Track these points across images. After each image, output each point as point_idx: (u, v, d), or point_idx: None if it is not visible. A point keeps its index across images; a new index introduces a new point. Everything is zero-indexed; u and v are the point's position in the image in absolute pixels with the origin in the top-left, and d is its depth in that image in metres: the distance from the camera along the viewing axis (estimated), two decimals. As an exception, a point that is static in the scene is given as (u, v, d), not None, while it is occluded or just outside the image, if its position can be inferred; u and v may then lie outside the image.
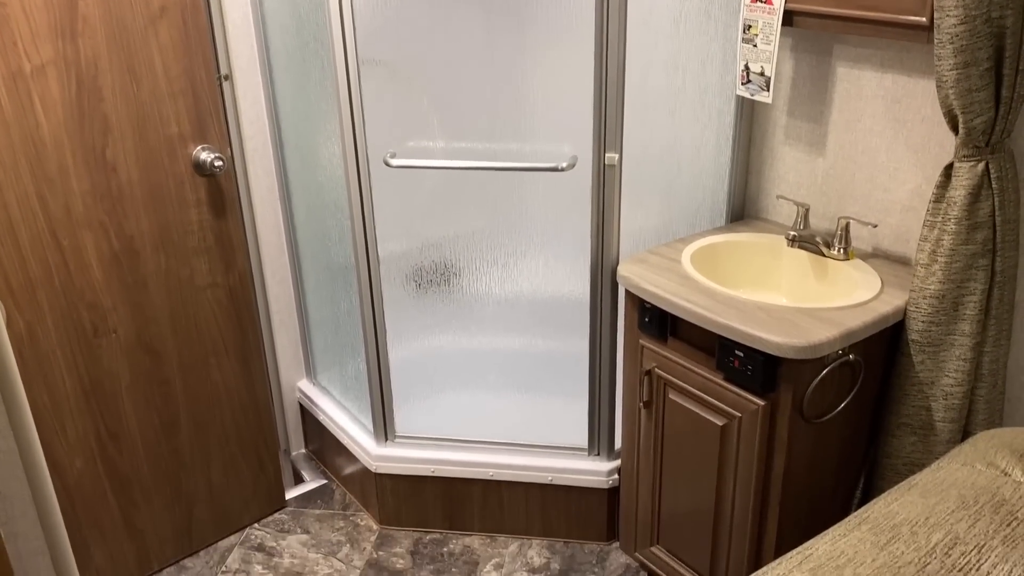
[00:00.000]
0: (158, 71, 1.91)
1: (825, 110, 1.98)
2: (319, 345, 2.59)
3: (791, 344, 1.60)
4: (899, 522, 1.04)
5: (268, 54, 2.24)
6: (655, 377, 1.94)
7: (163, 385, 2.13)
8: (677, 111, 2.01)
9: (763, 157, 2.15)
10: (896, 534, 1.02)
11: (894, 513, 1.07)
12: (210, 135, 2.03)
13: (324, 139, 2.12)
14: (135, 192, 1.95)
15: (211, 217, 2.09)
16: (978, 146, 1.58)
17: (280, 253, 2.50)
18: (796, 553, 1.03)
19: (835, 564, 0.99)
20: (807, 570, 0.98)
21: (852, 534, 1.04)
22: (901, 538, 1.01)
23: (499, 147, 2.04)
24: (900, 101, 1.82)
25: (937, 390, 1.72)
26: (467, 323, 2.31)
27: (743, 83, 1.97)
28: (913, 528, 1.02)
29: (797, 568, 0.99)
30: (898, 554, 0.98)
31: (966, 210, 1.60)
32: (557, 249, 2.18)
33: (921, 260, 1.69)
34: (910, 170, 1.85)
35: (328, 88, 2.03)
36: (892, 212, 1.91)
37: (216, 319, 2.17)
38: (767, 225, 2.16)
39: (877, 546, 1.00)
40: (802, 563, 1.00)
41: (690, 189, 2.12)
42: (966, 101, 1.53)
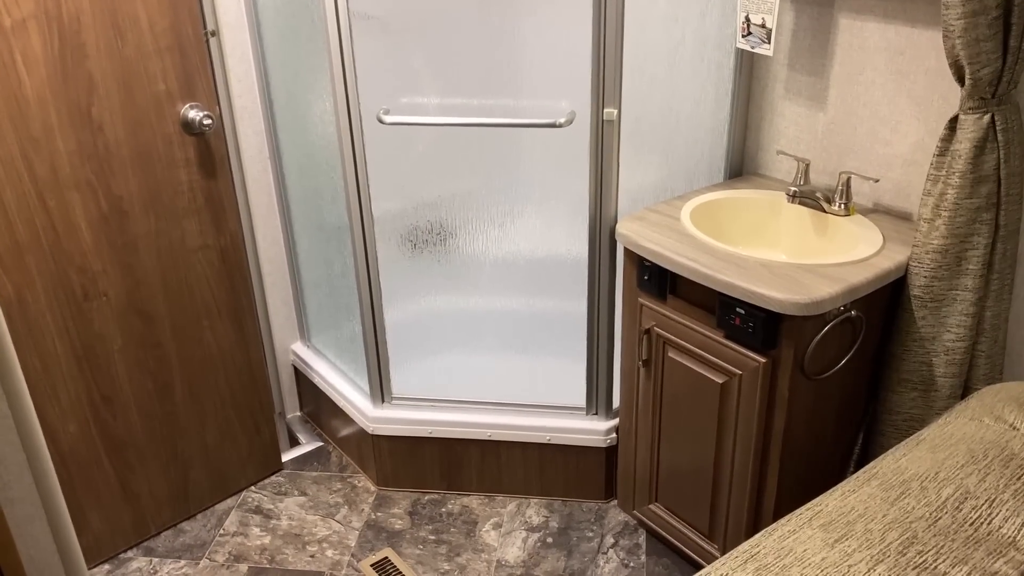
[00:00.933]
0: (143, 26, 1.85)
1: (826, 63, 1.94)
2: (313, 307, 2.56)
3: (793, 300, 1.59)
4: (908, 477, 1.04)
5: (256, 9, 2.18)
6: (654, 336, 1.93)
7: (156, 348, 2.10)
8: (676, 65, 1.97)
9: (762, 112, 2.12)
10: (906, 489, 1.01)
11: (903, 468, 1.06)
12: (198, 93, 1.98)
13: (315, 96, 2.08)
14: (122, 152, 1.90)
15: (201, 177, 2.04)
16: (984, 98, 1.55)
17: (271, 214, 2.46)
18: (806, 509, 1.03)
19: (846, 520, 0.98)
20: (818, 526, 0.97)
21: (862, 489, 1.03)
22: (911, 493, 1.00)
23: (495, 103, 2.00)
24: (903, 53, 1.79)
25: (938, 345, 1.71)
26: (463, 283, 2.29)
27: (743, 35, 1.93)
28: (923, 483, 1.02)
29: (808, 524, 0.98)
30: (909, 509, 0.98)
31: (971, 163, 1.58)
32: (554, 207, 2.15)
33: (924, 215, 1.67)
34: (912, 124, 1.82)
35: (319, 43, 1.97)
36: (893, 167, 1.89)
37: (208, 281, 2.14)
38: (766, 181, 2.13)
39: (887, 501, 0.99)
40: (812, 519, 0.99)
41: (689, 145, 2.09)
42: (973, 51, 1.50)
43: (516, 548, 2.18)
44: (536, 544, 2.18)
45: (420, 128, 2.09)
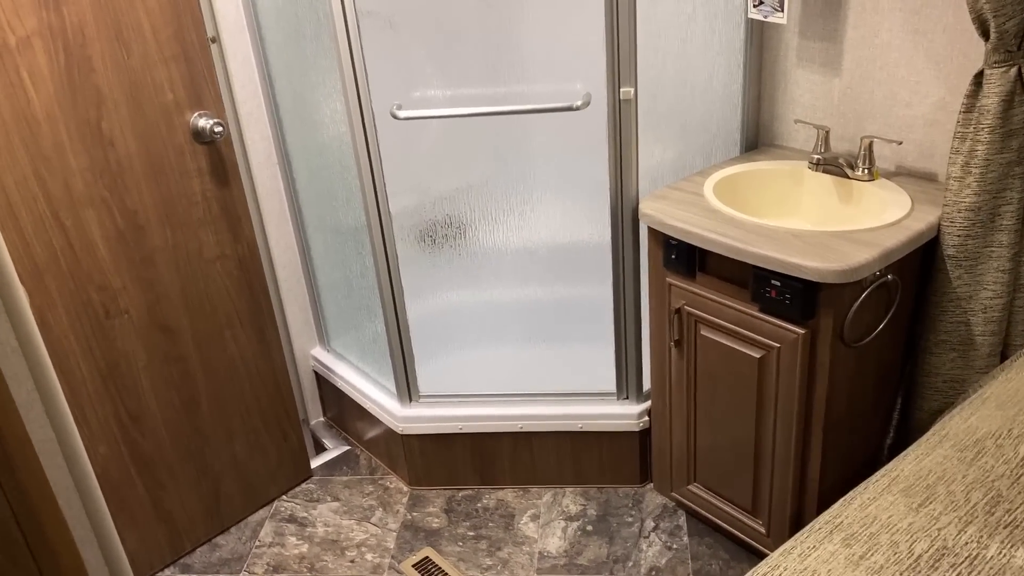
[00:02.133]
0: (147, 36, 1.82)
1: (839, 27, 1.92)
2: (331, 311, 2.53)
3: (831, 268, 1.57)
4: (981, 436, 1.02)
5: (256, 12, 2.15)
6: (685, 314, 1.91)
7: (180, 362, 2.07)
8: (688, 40, 1.95)
9: (775, 81, 2.10)
10: (981, 449, 1.00)
11: (974, 428, 1.05)
12: (206, 100, 1.94)
13: (324, 96, 2.05)
14: (135, 165, 1.87)
15: (214, 186, 2.01)
16: (1010, 50, 1.53)
17: (283, 220, 2.43)
18: (881, 476, 1.01)
19: (925, 483, 0.97)
20: (898, 491, 0.95)
21: (936, 452, 1.02)
22: (987, 452, 0.99)
23: (508, 90, 1.98)
24: (919, 12, 1.77)
25: (976, 304, 1.70)
26: (484, 275, 2.26)
27: (755, 5, 1.91)
28: (998, 441, 1.00)
29: (887, 490, 0.96)
30: (988, 468, 0.96)
31: (1000, 118, 1.56)
32: (572, 192, 2.13)
33: (954, 173, 1.66)
34: (932, 83, 1.81)
35: (325, 43, 1.95)
36: (915, 128, 1.87)
37: (228, 291, 2.11)
38: (784, 151, 2.11)
39: (964, 462, 0.98)
40: (891, 484, 0.97)
41: (704, 120, 2.07)
42: (998, 4, 1.48)
43: (556, 538, 2.16)
44: (576, 533, 2.17)
45: (432, 121, 2.06)
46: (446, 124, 2.07)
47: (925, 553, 0.84)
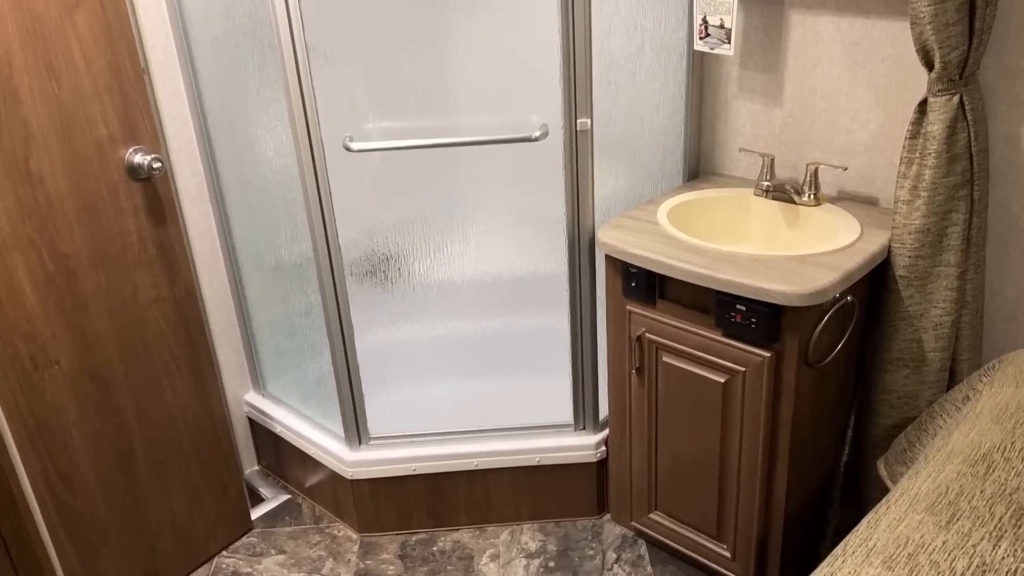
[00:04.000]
0: (79, 66, 1.70)
1: (780, 59, 1.99)
2: (267, 353, 2.42)
3: (797, 292, 1.60)
4: (988, 450, 1.05)
5: (188, 42, 2.05)
6: (646, 342, 1.91)
7: (114, 415, 1.93)
8: (637, 72, 1.98)
9: (717, 112, 2.15)
10: (991, 463, 1.02)
11: (978, 443, 1.08)
12: (142, 135, 1.84)
13: (267, 129, 1.97)
14: (65, 204, 1.74)
15: (150, 226, 1.90)
16: (952, 80, 1.61)
17: (215, 260, 2.31)
18: (901, 494, 1.02)
19: (946, 500, 0.98)
20: (923, 510, 0.97)
21: (947, 469, 1.04)
22: (997, 466, 1.02)
23: (463, 122, 1.95)
24: (859, 43, 1.85)
25: (927, 321, 1.77)
26: (434, 309, 2.21)
27: (701, 37, 1.95)
28: (1004, 455, 1.03)
29: (911, 509, 0.98)
30: (1003, 481, 0.99)
31: (945, 143, 1.64)
32: (524, 222, 2.11)
33: (902, 196, 1.73)
34: (872, 111, 1.89)
35: (271, 73, 1.87)
36: (856, 154, 1.94)
37: (165, 336, 1.98)
38: (726, 179, 2.16)
39: (978, 477, 1.00)
40: (913, 503, 0.99)
41: (652, 150, 2.09)
42: (943, 36, 1.56)
43: (519, 577, 2.11)
44: (539, 570, 2.12)
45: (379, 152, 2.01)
46: (395, 154, 2.03)
47: (967, 571, 0.85)
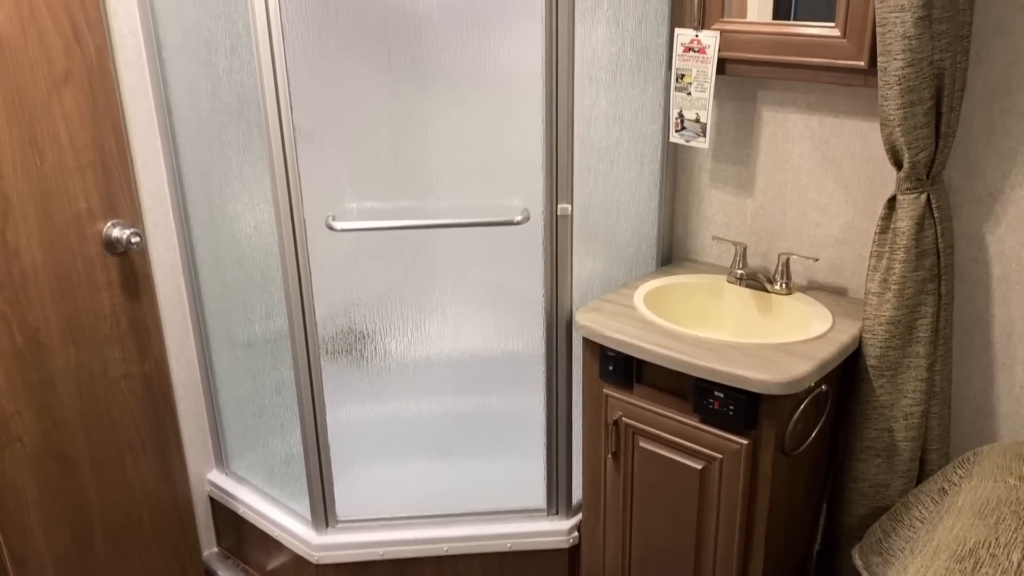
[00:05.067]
0: (63, 142, 1.70)
1: (752, 152, 2.06)
2: (233, 431, 2.37)
3: (775, 380, 1.63)
4: (973, 546, 1.07)
5: (171, 119, 2.06)
6: (623, 426, 1.92)
7: (75, 495, 1.86)
8: (615, 161, 2.03)
9: (690, 201, 2.21)
10: (977, 559, 1.04)
11: (963, 538, 1.09)
12: (121, 209, 1.83)
13: (248, 206, 1.97)
14: (40, 278, 1.71)
15: (124, 300, 1.87)
16: (920, 179, 1.69)
17: (185, 334, 2.27)
18: (892, 590, 1.03)
19: (938, 596, 0.99)
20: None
21: (935, 564, 1.05)
22: (984, 562, 1.03)
23: (444, 203, 1.97)
24: (828, 141, 1.93)
25: (897, 411, 1.80)
26: (409, 388, 2.20)
27: (677, 130, 2.02)
28: (990, 551, 1.05)
29: (904, 605, 0.98)
30: (992, 577, 1.00)
31: (914, 239, 1.70)
32: (500, 303, 2.13)
33: (872, 288, 1.78)
34: (841, 205, 1.96)
35: (255, 152, 1.88)
36: (825, 246, 2.01)
37: (132, 413, 1.94)
38: (698, 266, 2.21)
39: (966, 573, 1.02)
40: (906, 600, 0.99)
41: (628, 235, 2.14)
42: (911, 137, 1.63)
43: (489, 668, 2.05)
44: (509, 660, 2.07)
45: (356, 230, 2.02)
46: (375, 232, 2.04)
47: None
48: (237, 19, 1.77)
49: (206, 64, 1.89)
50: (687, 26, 1.93)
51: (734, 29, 1.87)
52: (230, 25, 1.79)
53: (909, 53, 1.56)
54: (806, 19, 1.79)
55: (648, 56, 2.01)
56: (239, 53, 1.80)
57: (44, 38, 1.63)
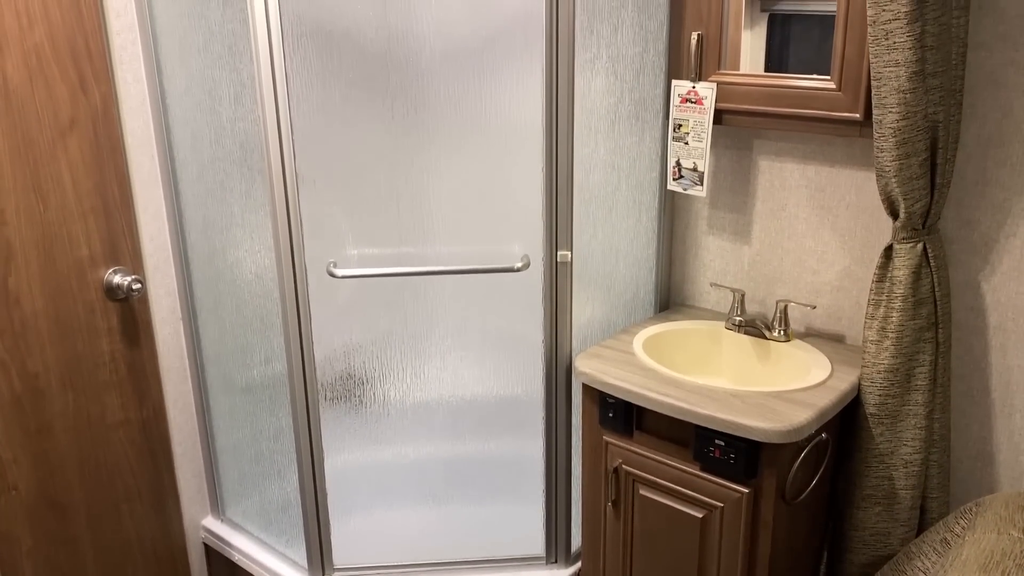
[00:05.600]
0: (67, 188, 1.71)
1: (748, 200, 2.08)
2: (229, 477, 2.35)
3: (776, 429, 1.63)
4: (980, 599, 1.06)
5: (173, 165, 2.08)
6: (623, 473, 1.91)
7: (69, 544, 1.84)
8: (614, 208, 2.05)
9: (687, 247, 2.22)
10: (985, 612, 1.04)
11: (970, 591, 1.09)
12: (122, 256, 1.83)
13: (249, 252, 1.98)
14: (40, 324, 1.71)
15: (123, 346, 1.87)
16: (916, 229, 1.71)
17: (182, 379, 2.27)
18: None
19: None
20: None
21: (943, 618, 1.05)
22: (992, 615, 1.03)
23: (445, 249, 1.99)
24: (824, 190, 1.96)
25: (897, 459, 1.80)
26: (408, 434, 2.19)
27: (675, 178, 2.04)
28: (998, 604, 1.05)
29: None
30: (999, 633, 1.00)
31: (911, 287, 1.72)
32: (500, 348, 2.13)
33: (871, 337, 1.79)
34: (838, 253, 1.97)
35: (257, 199, 1.90)
36: (822, 293, 2.02)
37: (128, 459, 1.92)
38: (696, 311, 2.22)
39: (974, 627, 1.01)
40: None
41: (626, 281, 2.15)
42: (907, 188, 1.66)
43: None
44: None
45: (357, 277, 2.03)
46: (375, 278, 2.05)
47: None
48: (242, 69, 1.80)
49: (210, 112, 1.91)
50: (684, 78, 1.96)
51: (730, 81, 1.90)
52: (234, 75, 1.82)
53: (904, 107, 1.58)
54: (797, 71, 1.83)
55: (645, 106, 2.04)
56: (243, 101, 1.82)
57: (51, 87, 1.65)
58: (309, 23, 1.80)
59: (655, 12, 1.98)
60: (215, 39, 1.83)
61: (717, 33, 1.91)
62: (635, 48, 1.97)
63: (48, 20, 1.63)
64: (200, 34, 1.86)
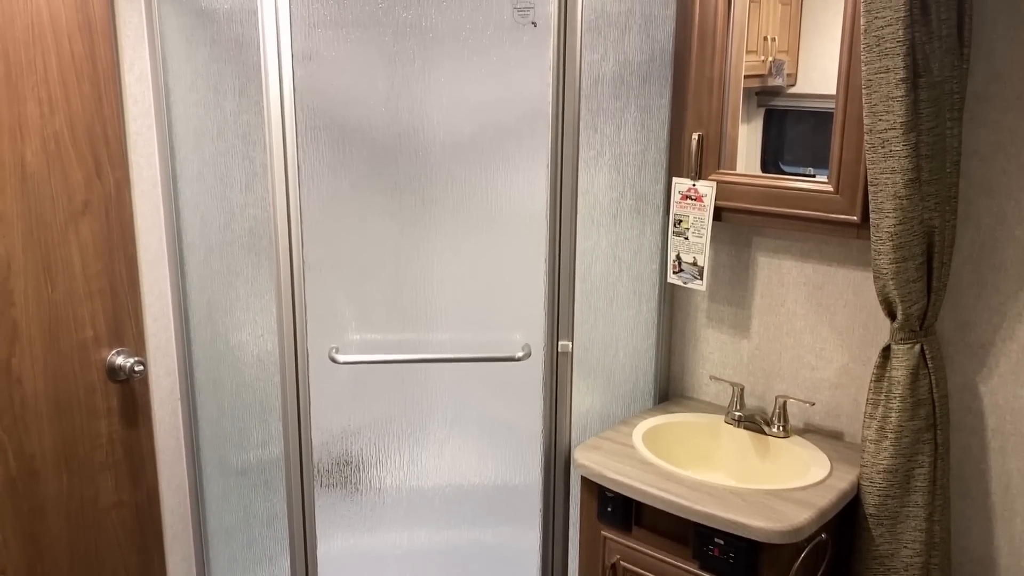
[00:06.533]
0: (76, 270, 1.73)
1: (747, 295, 2.11)
2: (221, 562, 2.31)
3: (776, 529, 1.62)
4: None
5: (181, 247, 2.10)
6: (620, 570, 1.88)
7: (54, 630, 1.80)
8: (615, 299, 2.07)
9: (686, 339, 2.24)
10: None
11: None
12: (126, 337, 1.84)
13: (252, 336, 1.99)
14: (39, 405, 1.71)
15: (121, 428, 1.86)
16: (914, 330, 1.73)
17: (177, 460, 2.25)
18: None
19: None
20: None
21: None
22: None
23: (446, 336, 2.00)
24: (822, 288, 1.99)
25: (898, 562, 1.79)
26: (402, 520, 2.16)
27: (675, 272, 2.07)
28: None
29: None
30: None
31: (909, 388, 1.73)
32: (500, 435, 2.13)
33: (869, 436, 1.79)
34: (836, 350, 1.99)
35: (263, 284, 1.92)
36: (821, 389, 2.03)
37: (120, 543, 1.90)
38: (695, 404, 2.22)
39: None
40: None
41: (626, 371, 2.16)
42: (904, 291, 1.68)
43: None
44: None
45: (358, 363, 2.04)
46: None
47: None
48: (254, 157, 1.84)
49: (221, 197, 1.95)
50: (684, 175, 2.01)
51: (730, 180, 1.95)
52: (247, 163, 1.86)
53: (901, 212, 1.62)
54: (793, 163, 1.88)
55: (647, 201, 2.09)
56: (254, 188, 1.86)
57: (67, 172, 1.68)
58: (322, 116, 1.86)
59: (657, 112, 2.04)
60: (229, 128, 1.88)
61: (717, 133, 1.97)
62: (637, 145, 2.03)
63: (69, 107, 1.68)
64: (215, 123, 1.91)
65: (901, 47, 1.55)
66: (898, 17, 1.54)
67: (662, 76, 2.02)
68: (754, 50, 1.94)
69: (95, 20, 1.71)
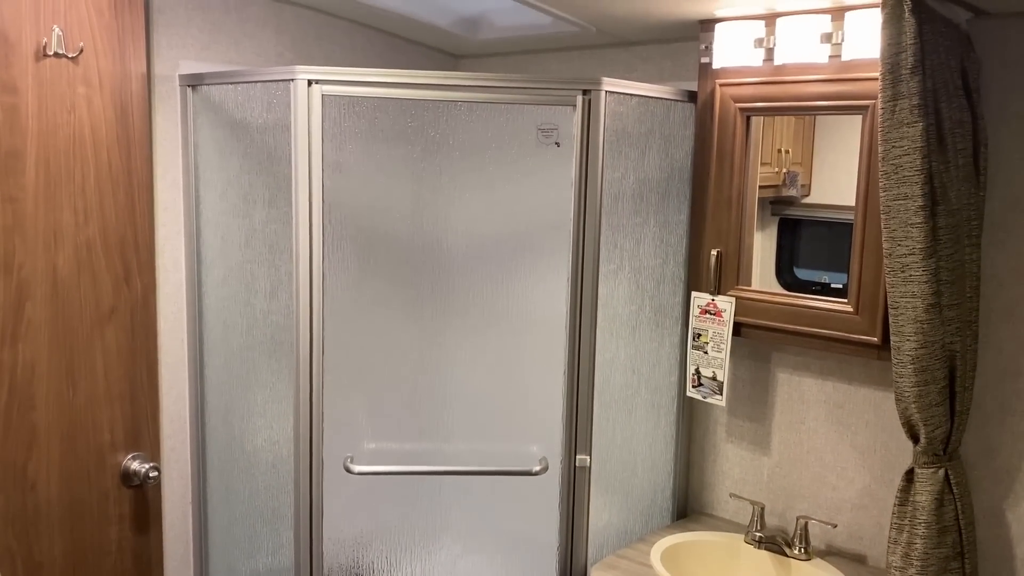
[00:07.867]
0: (99, 374, 1.75)
1: (767, 411, 2.09)
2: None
3: (800, 661, 1.57)
4: None
5: (201, 351, 2.12)
6: None
7: None
8: (633, 411, 2.06)
9: (705, 454, 2.21)
10: None
11: None
12: (143, 442, 1.84)
13: (268, 443, 1.98)
14: (52, 512, 1.70)
15: (132, 535, 1.84)
16: (937, 454, 1.70)
17: (184, 565, 2.21)
18: None
19: None
20: None
21: None
22: None
23: (462, 447, 1.99)
24: (843, 406, 1.97)
25: None
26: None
27: (694, 386, 2.06)
28: None
29: None
30: None
31: (934, 515, 1.69)
32: (514, 548, 2.08)
33: (894, 563, 1.74)
34: (858, 470, 1.96)
35: (281, 391, 1.92)
36: (843, 510, 1.99)
37: (122, 657, 1.85)
38: (714, 521, 2.18)
39: None
40: None
41: (644, 486, 2.13)
42: (927, 415, 1.66)
43: None
44: None
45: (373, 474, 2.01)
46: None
47: None
48: (280, 265, 1.87)
49: (244, 303, 1.97)
50: (703, 290, 2.03)
51: (749, 296, 1.96)
52: (272, 270, 1.89)
53: (921, 336, 1.62)
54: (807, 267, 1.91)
55: (665, 314, 2.10)
56: (278, 296, 1.88)
57: (96, 278, 1.72)
58: (349, 226, 1.90)
59: (675, 227, 2.07)
60: (257, 236, 1.92)
61: (736, 250, 1.99)
62: (656, 259, 2.05)
63: (103, 215, 1.72)
64: (243, 231, 1.95)
65: (919, 176, 1.58)
66: (915, 147, 1.57)
67: (681, 192, 2.06)
68: (768, 162, 1.99)
69: (134, 132, 1.77)
